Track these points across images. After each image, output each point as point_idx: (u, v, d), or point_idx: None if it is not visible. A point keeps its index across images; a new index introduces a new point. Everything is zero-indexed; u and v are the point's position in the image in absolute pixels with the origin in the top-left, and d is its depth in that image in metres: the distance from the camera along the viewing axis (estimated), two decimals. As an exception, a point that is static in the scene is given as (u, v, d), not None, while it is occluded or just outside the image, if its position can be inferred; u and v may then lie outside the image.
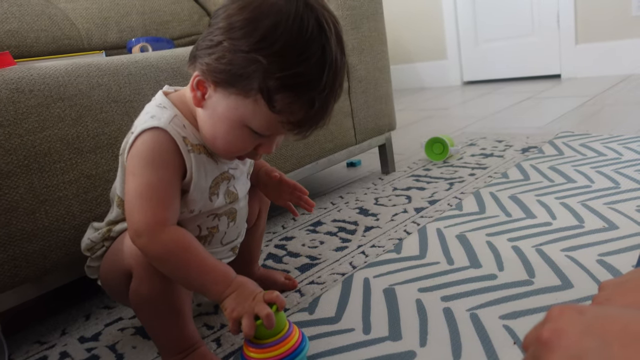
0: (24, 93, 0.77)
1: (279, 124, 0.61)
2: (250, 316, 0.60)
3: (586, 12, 2.68)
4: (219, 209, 0.73)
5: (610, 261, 0.83)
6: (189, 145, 0.65)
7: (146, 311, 0.68)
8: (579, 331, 0.31)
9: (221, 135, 0.63)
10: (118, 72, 0.88)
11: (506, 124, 1.99)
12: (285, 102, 0.58)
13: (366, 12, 1.39)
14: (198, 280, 0.62)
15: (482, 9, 3.10)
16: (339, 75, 0.61)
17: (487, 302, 0.77)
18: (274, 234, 1.19)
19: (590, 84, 2.53)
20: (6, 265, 0.77)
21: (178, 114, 0.66)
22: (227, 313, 0.61)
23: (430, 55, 3.41)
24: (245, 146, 0.64)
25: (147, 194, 0.62)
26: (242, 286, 0.62)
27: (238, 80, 0.58)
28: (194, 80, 0.62)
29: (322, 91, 0.59)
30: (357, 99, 1.39)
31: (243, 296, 0.61)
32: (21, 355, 0.84)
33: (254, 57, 0.56)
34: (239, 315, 0.60)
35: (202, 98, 0.63)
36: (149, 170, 0.62)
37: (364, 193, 1.40)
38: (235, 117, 0.61)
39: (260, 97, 0.58)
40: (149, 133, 0.63)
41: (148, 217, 0.61)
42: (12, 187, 0.76)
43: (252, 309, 0.60)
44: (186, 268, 0.62)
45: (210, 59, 0.59)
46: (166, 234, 0.61)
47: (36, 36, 1.29)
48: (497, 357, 0.64)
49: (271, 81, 0.56)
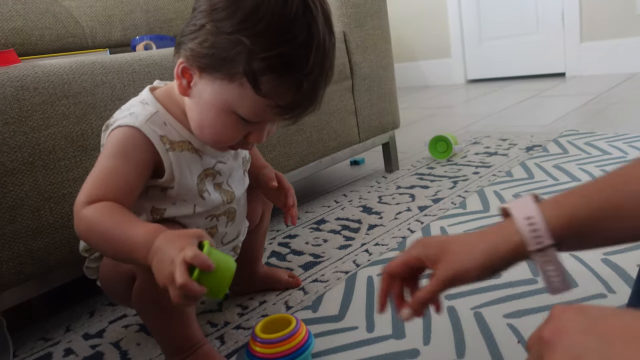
0: (28, 91, 0.77)
1: (267, 108, 0.58)
2: (172, 283, 0.50)
3: (591, 10, 2.67)
4: (217, 208, 0.72)
5: (615, 260, 0.82)
6: (167, 144, 0.64)
7: (150, 311, 0.68)
8: (580, 330, 0.31)
9: (208, 124, 0.62)
10: (122, 70, 0.89)
11: (510, 122, 1.98)
12: (271, 85, 0.56)
13: (370, 10, 1.39)
14: (122, 251, 0.56)
15: (487, 6, 3.09)
16: (328, 56, 0.58)
17: (491, 301, 0.77)
18: (277, 231, 1.19)
19: (595, 82, 2.52)
20: (11, 262, 0.77)
21: (160, 111, 0.65)
22: (158, 281, 0.52)
23: (434, 53, 3.40)
24: (234, 134, 0.62)
25: (95, 175, 0.60)
26: (159, 250, 0.52)
27: (222, 64, 0.56)
28: (179, 68, 0.61)
29: (310, 72, 0.56)
30: (360, 97, 1.39)
31: (162, 263, 0.52)
32: (26, 352, 0.84)
33: (237, 38, 0.54)
34: (163, 284, 0.51)
35: (187, 86, 0.61)
36: (107, 157, 0.61)
37: (367, 191, 1.39)
38: (222, 104, 0.59)
39: (245, 81, 0.56)
40: (122, 129, 0.62)
41: (78, 198, 0.59)
42: (17, 185, 0.77)
43: (172, 274, 0.50)
44: (108, 240, 0.57)
45: (194, 44, 0.58)
46: (88, 209, 0.58)
47: (41, 34, 1.29)
48: (501, 356, 0.64)
49: (256, 63, 0.54)
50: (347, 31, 1.34)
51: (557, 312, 0.34)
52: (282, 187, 0.79)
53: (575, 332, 0.31)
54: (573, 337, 0.31)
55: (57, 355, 0.82)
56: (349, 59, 1.35)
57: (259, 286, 0.91)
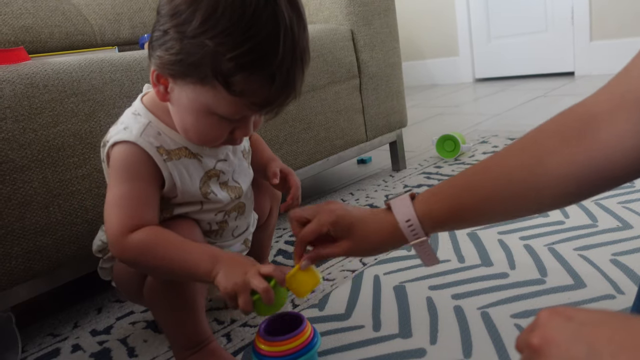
0: (38, 88, 0.78)
1: (244, 106, 0.57)
2: (246, 292, 0.56)
3: (601, 8, 2.65)
4: (227, 205, 0.72)
5: (624, 261, 0.82)
6: (164, 155, 0.64)
7: (160, 306, 0.69)
8: (567, 339, 0.31)
9: (191, 127, 0.61)
10: (130, 68, 0.89)
11: (518, 122, 1.97)
12: (243, 84, 0.54)
13: (378, 9, 1.39)
14: (182, 267, 0.59)
15: (495, 5, 3.07)
16: (300, 42, 0.55)
17: (499, 301, 0.76)
18: (284, 230, 1.19)
19: (604, 81, 2.45)
20: (20, 258, 0.78)
21: (152, 121, 0.65)
22: (222, 291, 0.57)
23: (442, 52, 3.39)
24: (218, 134, 0.61)
25: (118, 203, 0.61)
26: (232, 260, 0.58)
27: (191, 70, 0.55)
28: (153, 75, 0.60)
29: (281, 64, 0.53)
30: (368, 96, 1.39)
31: (235, 271, 0.57)
32: (34, 347, 0.85)
33: (201, 41, 0.52)
34: (233, 291, 0.56)
35: (165, 92, 0.60)
36: (120, 182, 0.62)
37: (374, 190, 1.39)
38: (200, 107, 0.58)
39: (217, 83, 0.54)
40: (121, 147, 0.63)
41: (115, 227, 0.60)
42: (27, 181, 0.77)
43: (247, 284, 0.55)
44: (166, 260, 0.60)
45: (161, 51, 0.56)
46: (134, 237, 0.60)
47: (50, 32, 1.30)
48: (508, 356, 0.64)
49: (223, 64, 0.52)
50: (354, 29, 1.34)
51: (543, 318, 0.34)
52: (288, 183, 0.78)
53: (564, 341, 0.31)
54: (561, 346, 0.31)
55: (65, 351, 0.83)
56: (357, 57, 1.35)
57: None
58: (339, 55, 1.29)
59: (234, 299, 0.57)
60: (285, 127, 1.18)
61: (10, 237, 0.76)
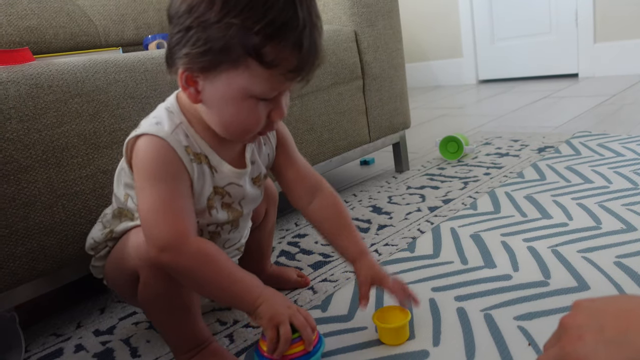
0: (42, 88, 0.78)
1: (279, 77, 0.58)
2: (285, 323, 0.62)
3: (605, 10, 2.64)
4: (219, 224, 0.72)
5: (628, 263, 0.81)
6: (191, 155, 0.64)
7: (155, 310, 0.69)
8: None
9: (231, 119, 0.61)
10: (135, 69, 0.89)
11: (522, 124, 1.96)
12: (274, 53, 0.56)
13: (382, 10, 1.39)
14: (229, 290, 0.62)
15: (499, 6, 3.07)
16: (312, 8, 0.59)
17: (502, 303, 0.76)
18: (287, 231, 1.19)
19: (608, 83, 2.49)
20: (24, 258, 0.78)
21: (184, 122, 0.65)
22: (265, 321, 0.61)
23: (445, 53, 3.39)
24: (258, 117, 0.61)
25: (163, 207, 0.61)
26: (275, 294, 0.64)
27: (222, 55, 0.56)
28: (182, 79, 0.60)
29: (304, 27, 0.57)
30: (371, 97, 1.39)
31: (278, 303, 0.63)
32: (37, 347, 0.85)
33: (227, 22, 0.54)
34: (280, 322, 0.61)
35: (196, 93, 0.61)
36: (158, 183, 0.61)
37: (377, 191, 1.39)
38: (236, 93, 0.59)
39: (251, 60, 0.56)
40: (151, 141, 0.62)
41: (170, 231, 0.59)
42: (31, 182, 0.77)
43: (290, 317, 0.62)
44: (217, 279, 0.62)
45: (187, 49, 0.57)
46: (192, 245, 0.60)
47: (55, 32, 1.30)
48: (512, 358, 0.64)
49: (253, 38, 0.55)
50: (358, 30, 1.34)
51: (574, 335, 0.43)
52: (396, 291, 0.73)
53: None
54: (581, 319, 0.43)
55: (67, 351, 0.83)
56: (360, 58, 1.35)
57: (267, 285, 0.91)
58: (342, 57, 1.29)
59: (275, 328, 0.61)
60: (289, 128, 1.17)
61: (14, 237, 0.77)
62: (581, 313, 0.44)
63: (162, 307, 0.67)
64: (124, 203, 0.71)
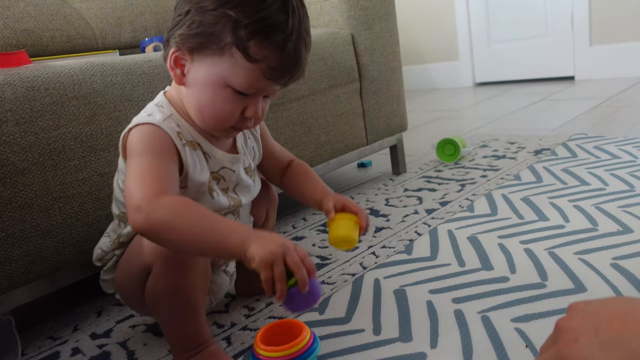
0: (39, 91, 0.78)
1: (258, 73, 0.62)
2: (281, 262, 0.56)
3: (601, 12, 2.65)
4: (222, 210, 0.73)
5: (624, 265, 0.82)
6: (183, 140, 0.67)
7: (161, 306, 0.68)
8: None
9: (207, 104, 0.65)
10: (131, 71, 0.89)
11: (519, 126, 1.97)
12: (258, 48, 0.60)
13: (379, 13, 1.39)
14: (213, 234, 0.58)
15: (495, 9, 3.08)
16: (303, 22, 0.64)
17: (499, 305, 0.76)
18: (284, 233, 1.19)
19: (604, 85, 2.50)
20: (20, 261, 0.78)
21: (174, 113, 0.69)
22: (257, 261, 0.56)
23: (442, 56, 3.39)
24: (232, 109, 0.65)
25: (145, 175, 0.61)
26: (265, 234, 0.58)
27: (211, 39, 0.61)
28: (171, 58, 0.65)
29: (291, 34, 0.61)
30: (368, 100, 1.39)
31: (270, 241, 0.57)
32: (34, 351, 0.85)
33: (222, 11, 0.60)
34: (270, 260, 0.55)
35: (182, 74, 0.65)
36: (143, 156, 0.63)
37: (374, 194, 1.39)
38: (216, 79, 0.63)
39: (235, 50, 0.61)
40: (144, 127, 0.65)
41: (145, 192, 0.59)
42: (27, 184, 0.77)
43: (283, 254, 0.56)
44: (197, 225, 0.58)
45: (182, 29, 0.63)
46: (166, 199, 0.59)
47: (51, 35, 1.30)
48: (509, 359, 0.64)
49: (241, 31, 0.60)
50: (355, 33, 1.35)
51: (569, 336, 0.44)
52: (350, 212, 0.76)
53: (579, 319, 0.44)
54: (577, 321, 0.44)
55: (64, 354, 0.82)
56: (357, 61, 1.35)
57: None
58: (339, 59, 1.29)
59: (269, 268, 0.56)
60: (286, 130, 1.18)
61: (10, 240, 0.76)
62: (576, 315, 0.45)
63: (170, 303, 0.67)
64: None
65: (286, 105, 1.18)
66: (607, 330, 0.41)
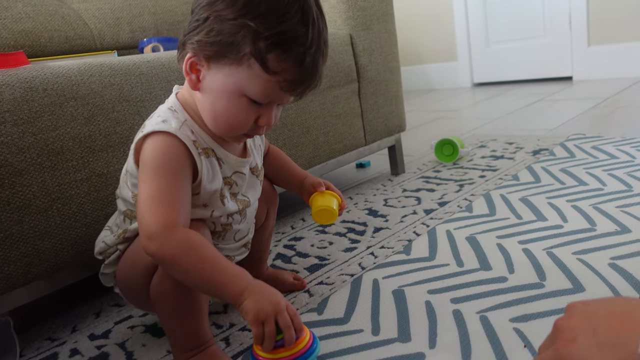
0: (37, 92, 0.78)
1: (275, 85, 0.62)
2: (270, 321, 0.59)
3: (599, 13, 2.66)
4: (230, 214, 0.74)
5: (622, 264, 0.82)
6: (199, 149, 0.67)
7: (166, 305, 0.68)
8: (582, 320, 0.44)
9: (221, 111, 0.64)
10: (130, 72, 0.89)
11: (517, 126, 1.97)
12: (277, 61, 0.60)
13: (377, 13, 1.39)
14: (214, 279, 0.61)
15: (493, 10, 3.08)
16: (323, 34, 0.64)
17: (498, 305, 0.76)
18: (283, 234, 1.19)
19: (602, 86, 2.51)
20: (19, 262, 0.78)
21: (188, 119, 0.68)
22: (250, 317, 0.59)
23: (440, 56, 3.40)
24: (246, 118, 0.65)
25: (158, 196, 0.62)
26: (262, 289, 0.61)
27: (229, 49, 0.60)
28: (187, 64, 0.64)
29: (310, 47, 0.61)
30: (367, 100, 1.39)
31: (265, 299, 0.60)
32: (32, 352, 0.84)
33: (242, 22, 0.59)
34: (264, 319, 0.59)
35: (197, 80, 0.65)
36: (159, 176, 0.63)
37: (373, 194, 1.39)
38: (232, 88, 0.62)
39: (253, 61, 0.60)
40: (159, 138, 0.64)
41: (159, 220, 0.60)
42: (26, 185, 0.77)
43: (274, 314, 0.60)
44: (201, 267, 0.61)
45: (200, 36, 0.62)
46: (178, 234, 0.61)
47: (50, 36, 1.30)
48: (507, 359, 0.64)
49: (261, 42, 0.59)
50: (353, 34, 1.35)
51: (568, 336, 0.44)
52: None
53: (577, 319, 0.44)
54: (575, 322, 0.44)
55: (63, 355, 0.82)
56: (356, 61, 1.36)
57: None
58: (337, 60, 1.29)
59: (260, 325, 0.59)
60: (285, 131, 1.18)
61: (8, 241, 0.76)
62: (575, 315, 0.45)
63: (173, 303, 0.67)
64: (134, 204, 0.71)
65: (285, 106, 1.18)
66: (606, 330, 0.41)
